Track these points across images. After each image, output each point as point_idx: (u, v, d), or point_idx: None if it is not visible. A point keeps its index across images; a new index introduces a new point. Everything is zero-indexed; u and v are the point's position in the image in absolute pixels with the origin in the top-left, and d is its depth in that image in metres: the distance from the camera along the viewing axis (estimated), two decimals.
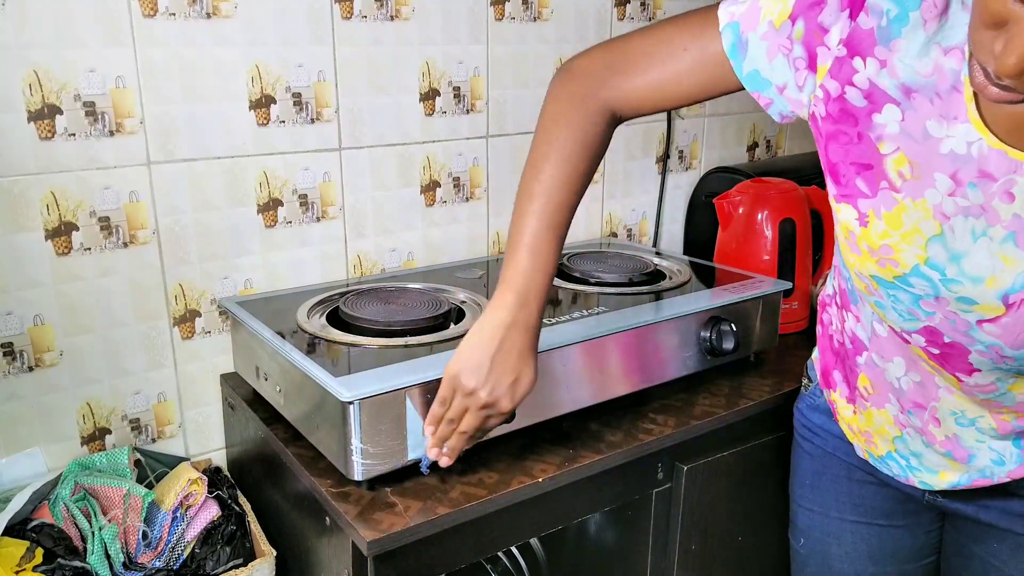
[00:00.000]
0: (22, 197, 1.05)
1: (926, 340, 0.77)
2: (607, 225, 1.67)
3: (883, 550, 1.00)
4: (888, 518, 0.99)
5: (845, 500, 1.01)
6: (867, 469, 0.98)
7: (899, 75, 0.67)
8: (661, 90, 0.82)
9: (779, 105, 0.77)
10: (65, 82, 1.05)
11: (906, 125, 0.68)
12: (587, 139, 0.84)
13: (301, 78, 1.22)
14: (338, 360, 0.99)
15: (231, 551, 1.06)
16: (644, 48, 0.83)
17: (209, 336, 1.23)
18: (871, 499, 0.99)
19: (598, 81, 0.84)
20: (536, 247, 0.83)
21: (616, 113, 0.86)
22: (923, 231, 0.69)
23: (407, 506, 0.90)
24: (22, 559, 0.94)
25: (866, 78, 0.69)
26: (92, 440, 1.16)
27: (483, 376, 0.81)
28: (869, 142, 0.70)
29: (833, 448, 1.01)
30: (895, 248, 0.71)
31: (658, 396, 1.15)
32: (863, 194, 0.72)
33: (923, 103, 0.67)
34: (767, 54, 0.75)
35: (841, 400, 0.96)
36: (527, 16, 1.43)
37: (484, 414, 0.83)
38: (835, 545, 1.02)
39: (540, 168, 0.84)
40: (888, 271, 0.73)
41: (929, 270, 0.70)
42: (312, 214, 1.29)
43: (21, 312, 1.08)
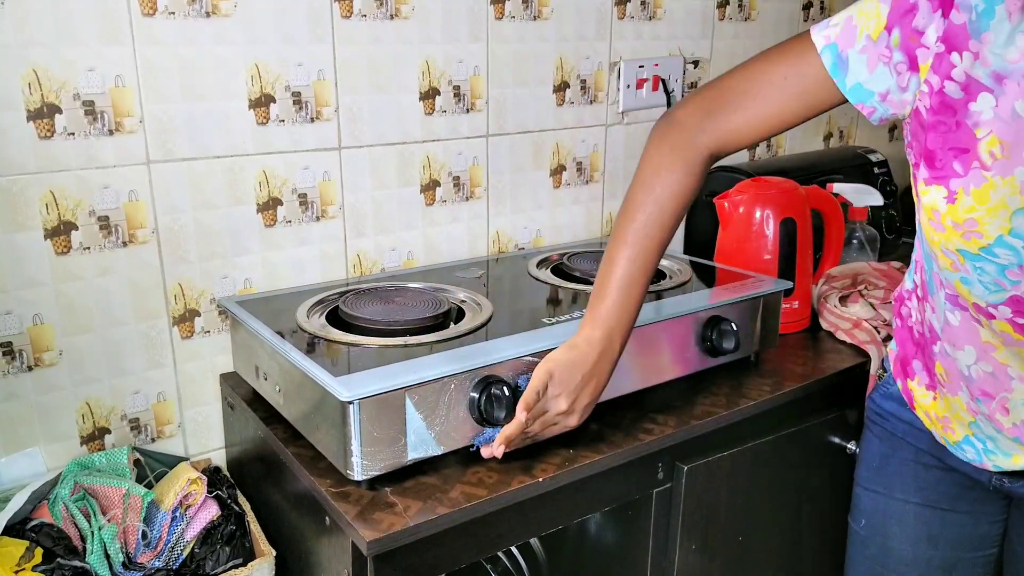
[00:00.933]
0: (21, 196, 1.05)
1: (1012, 311, 0.80)
2: (607, 224, 1.66)
3: (944, 535, 1.03)
4: (952, 503, 1.02)
5: (910, 483, 1.04)
6: (935, 454, 1.01)
7: (990, 64, 0.73)
8: (763, 122, 0.89)
9: (880, 111, 0.83)
10: (64, 81, 1.05)
11: (999, 110, 0.73)
12: (683, 189, 0.92)
13: (301, 77, 1.22)
14: (338, 360, 0.98)
15: (231, 551, 1.06)
16: (741, 87, 0.90)
17: (208, 335, 1.23)
18: (936, 484, 1.02)
19: (698, 129, 0.91)
20: (626, 290, 0.92)
21: (716, 154, 0.93)
22: (1009, 205, 0.74)
23: (407, 506, 0.90)
24: (21, 559, 0.93)
25: (962, 71, 0.74)
26: (91, 440, 1.16)
27: (572, 390, 0.91)
28: (966, 128, 0.76)
29: (902, 433, 1.04)
30: (980, 221, 0.76)
31: (658, 396, 1.15)
32: (956, 174, 0.77)
33: (1012, 87, 0.72)
34: (867, 66, 0.81)
35: (920, 388, 1.00)
36: (527, 15, 1.43)
37: (554, 421, 0.93)
38: (896, 527, 1.05)
39: (634, 216, 0.92)
40: (973, 243, 0.77)
41: (1013, 239, 0.75)
42: (312, 213, 1.28)
43: (20, 311, 1.08)
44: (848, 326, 1.35)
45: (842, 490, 1.36)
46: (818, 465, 1.28)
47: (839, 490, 1.35)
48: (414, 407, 0.90)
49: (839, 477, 1.33)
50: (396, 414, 0.90)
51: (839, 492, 1.35)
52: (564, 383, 0.91)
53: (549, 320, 1.09)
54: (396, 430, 0.90)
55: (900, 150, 2.26)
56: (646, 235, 0.91)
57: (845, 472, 1.34)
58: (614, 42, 1.56)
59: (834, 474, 1.31)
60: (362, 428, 0.88)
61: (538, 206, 1.55)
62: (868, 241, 1.60)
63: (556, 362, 0.91)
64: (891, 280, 1.47)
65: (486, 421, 0.95)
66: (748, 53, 1.77)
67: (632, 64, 1.59)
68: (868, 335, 1.32)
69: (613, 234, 0.94)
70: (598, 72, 1.56)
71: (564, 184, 1.57)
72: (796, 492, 1.27)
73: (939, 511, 1.03)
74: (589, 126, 1.58)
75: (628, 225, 0.92)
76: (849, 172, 1.76)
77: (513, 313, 1.17)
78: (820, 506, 1.31)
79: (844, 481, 1.35)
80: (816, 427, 1.26)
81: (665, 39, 1.63)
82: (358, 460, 0.89)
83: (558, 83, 1.51)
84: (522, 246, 1.55)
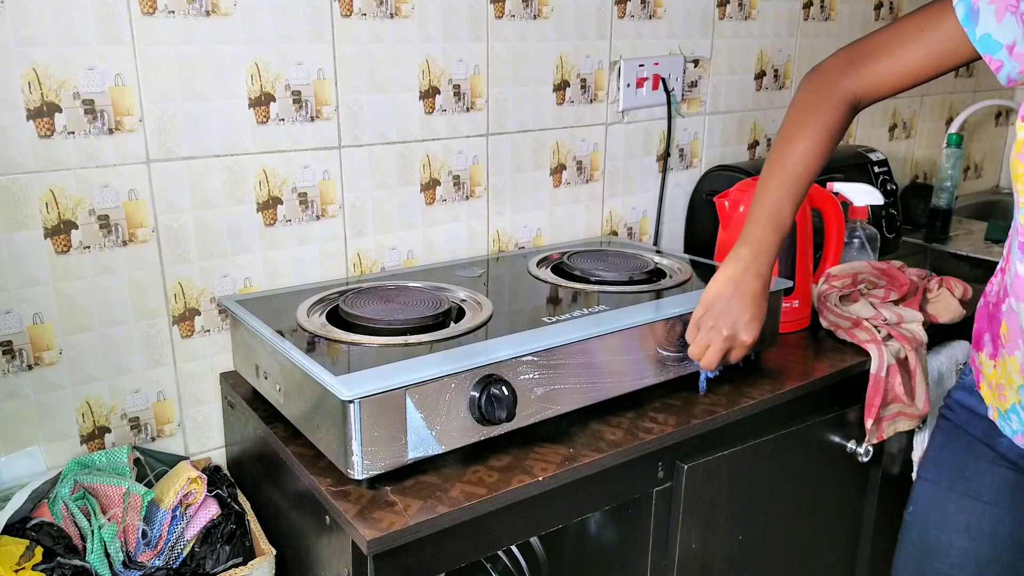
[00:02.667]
0: (21, 195, 1.05)
1: None
2: (607, 224, 1.66)
3: (981, 528, 1.04)
4: (994, 497, 1.03)
5: (957, 472, 1.06)
6: (988, 442, 1.02)
7: None
8: (899, 71, 0.98)
9: (1008, 68, 0.90)
10: (64, 80, 1.04)
11: None
12: (828, 124, 1.01)
13: (300, 76, 1.22)
14: (338, 359, 0.98)
15: (231, 550, 1.06)
16: (881, 40, 0.99)
17: (208, 334, 1.23)
18: (982, 476, 1.04)
19: (841, 74, 1.01)
20: (774, 212, 1.02)
21: (857, 98, 1.01)
22: None
23: (407, 505, 0.90)
24: (21, 558, 0.93)
25: None
26: (91, 439, 1.16)
27: (719, 315, 1.02)
28: None
29: (963, 422, 1.06)
30: None
31: (659, 395, 1.15)
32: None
33: None
34: (996, 15, 0.88)
35: (986, 360, 1.03)
36: (527, 14, 1.43)
37: (726, 345, 1.04)
38: (936, 514, 1.07)
39: (784, 149, 1.03)
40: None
41: None
42: (312, 212, 1.28)
43: (20, 310, 1.08)
44: (848, 325, 1.35)
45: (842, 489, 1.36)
46: (818, 464, 1.28)
47: (839, 489, 1.35)
48: (414, 406, 0.90)
49: (839, 476, 1.33)
50: (396, 413, 0.90)
51: (839, 491, 1.35)
52: (715, 315, 1.02)
53: (549, 319, 1.09)
54: (396, 429, 0.90)
55: (900, 149, 2.26)
56: (792, 164, 1.01)
57: (845, 471, 1.34)
58: (614, 41, 1.56)
59: (834, 473, 1.31)
60: (362, 427, 0.88)
61: (538, 205, 1.55)
62: (868, 240, 1.60)
63: (703, 300, 1.04)
64: (891, 279, 1.47)
65: (486, 420, 0.95)
66: (748, 52, 1.79)
67: (632, 63, 1.59)
68: (868, 334, 1.32)
69: (765, 165, 1.04)
70: (598, 71, 1.56)
71: (564, 183, 1.57)
72: (796, 491, 1.27)
73: (980, 503, 1.04)
74: (589, 125, 1.58)
75: (778, 156, 1.02)
76: (849, 171, 1.76)
77: (513, 312, 1.17)
78: (820, 505, 1.31)
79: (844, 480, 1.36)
80: (816, 426, 1.26)
81: (665, 38, 1.63)
82: (358, 459, 0.89)
83: (558, 82, 1.51)
84: (522, 245, 1.55)
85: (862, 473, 1.37)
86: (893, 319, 1.36)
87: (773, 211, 1.01)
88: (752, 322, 1.03)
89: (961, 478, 1.05)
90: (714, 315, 1.03)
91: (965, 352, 1.47)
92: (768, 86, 1.86)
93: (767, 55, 1.83)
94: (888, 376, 1.28)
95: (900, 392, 1.29)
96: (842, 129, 1.03)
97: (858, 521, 1.41)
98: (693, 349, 1.07)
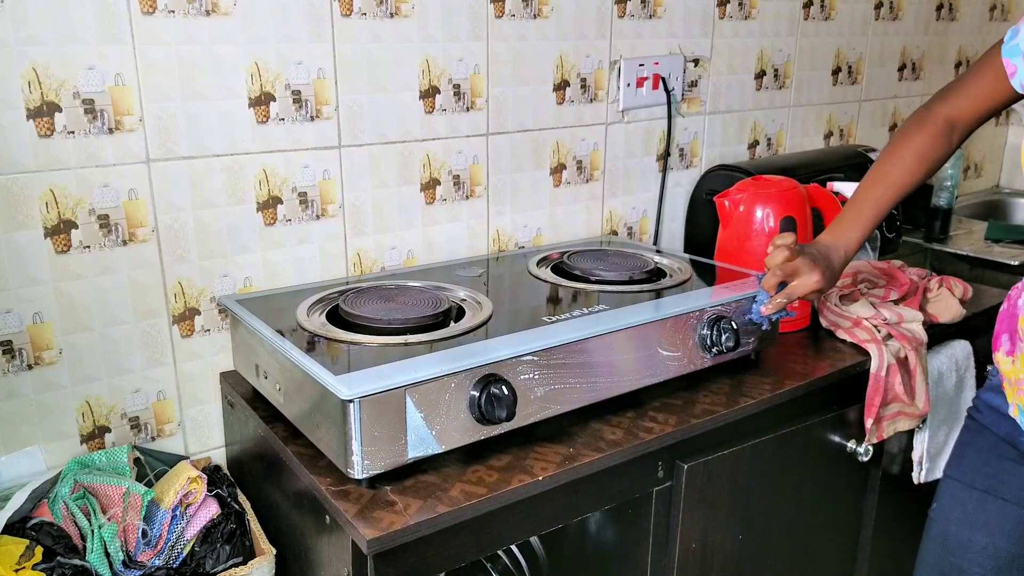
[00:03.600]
0: (21, 195, 1.05)
1: None
2: (607, 223, 1.66)
3: (1001, 525, 1.05)
4: (1017, 495, 1.04)
5: (980, 469, 1.07)
6: (1012, 442, 1.04)
7: None
8: (976, 95, 1.10)
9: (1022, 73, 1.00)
10: (64, 79, 1.04)
11: None
12: (921, 147, 1.14)
13: (300, 75, 1.22)
14: (338, 358, 0.98)
15: (231, 549, 1.06)
16: (969, 70, 1.13)
17: (208, 334, 1.23)
18: (1005, 474, 1.05)
19: (934, 100, 1.16)
20: (858, 213, 1.16)
21: (950, 122, 1.13)
22: None
23: (407, 504, 0.90)
24: (22, 557, 0.93)
25: None
26: (91, 438, 1.16)
27: (813, 261, 1.11)
28: None
29: (989, 422, 1.08)
30: None
31: (659, 394, 1.15)
32: None
33: None
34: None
35: (1003, 358, 1.05)
36: (527, 13, 1.43)
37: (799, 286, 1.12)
38: (958, 510, 1.08)
39: (881, 160, 1.17)
40: None
41: None
42: (312, 212, 1.28)
43: (20, 310, 1.08)
44: (848, 324, 1.35)
45: (842, 489, 1.36)
46: (818, 464, 1.28)
47: (839, 489, 1.35)
48: (414, 406, 0.90)
49: (839, 476, 1.33)
50: (396, 413, 0.90)
51: (839, 491, 1.35)
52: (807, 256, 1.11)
53: (549, 319, 1.09)
54: (396, 429, 0.90)
55: None
56: (884, 174, 1.14)
57: (845, 471, 1.34)
58: (614, 40, 1.56)
59: (834, 473, 1.31)
60: (362, 427, 0.88)
61: (538, 205, 1.55)
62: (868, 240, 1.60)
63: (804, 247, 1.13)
64: (891, 279, 1.47)
65: (486, 420, 0.95)
66: (748, 51, 1.79)
67: (632, 62, 1.59)
68: (868, 334, 1.32)
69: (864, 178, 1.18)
70: (598, 71, 1.56)
71: (564, 183, 1.57)
72: (796, 490, 1.27)
73: (1000, 500, 1.05)
74: (589, 125, 1.58)
75: (874, 168, 1.16)
76: (849, 171, 1.76)
77: (513, 312, 1.17)
78: (820, 504, 1.31)
79: (844, 480, 1.36)
80: (816, 426, 1.26)
81: (665, 37, 1.63)
82: (358, 459, 0.89)
83: (558, 82, 1.51)
84: (522, 245, 1.55)
85: (862, 473, 1.37)
86: (893, 319, 1.36)
87: (857, 210, 1.15)
88: (821, 281, 1.11)
89: (984, 476, 1.07)
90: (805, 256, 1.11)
91: (965, 352, 1.47)
92: (768, 86, 1.86)
93: (767, 55, 1.83)
94: (888, 376, 1.28)
95: (900, 392, 1.29)
96: (941, 148, 1.13)
97: (858, 520, 1.41)
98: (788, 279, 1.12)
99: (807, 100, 1.96)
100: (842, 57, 2.00)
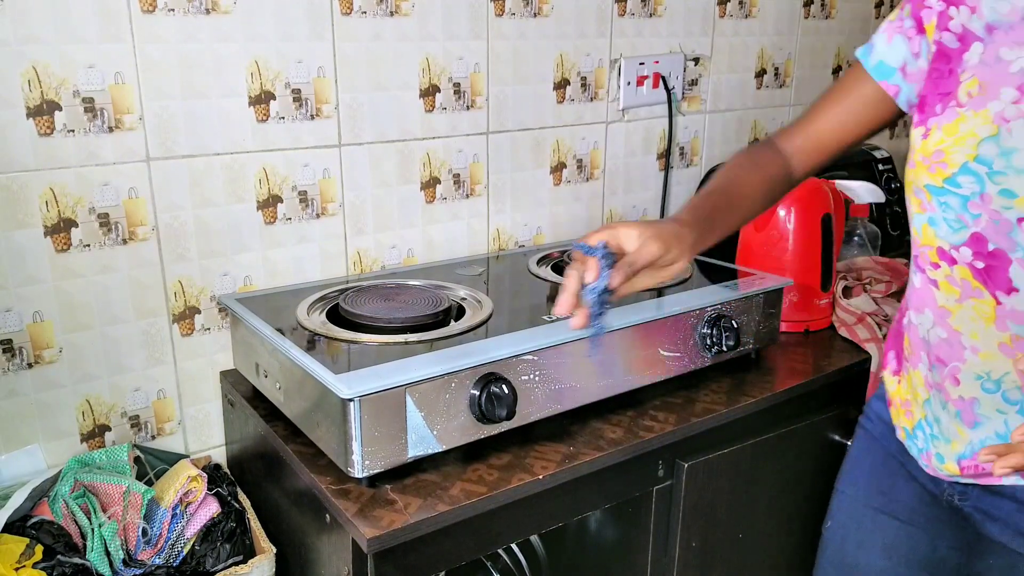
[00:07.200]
0: (21, 193, 1.05)
1: (972, 253, 0.81)
2: (607, 222, 1.66)
3: (898, 547, 1.00)
4: (910, 515, 0.99)
5: (874, 487, 1.02)
6: (901, 459, 0.99)
7: (985, 16, 0.81)
8: (828, 127, 0.99)
9: (906, 91, 0.91)
10: (64, 78, 1.04)
11: (985, 56, 0.81)
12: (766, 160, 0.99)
13: (301, 74, 1.22)
14: (338, 357, 0.98)
15: (231, 548, 1.06)
16: (815, 102, 1.01)
17: (209, 333, 1.23)
18: (898, 492, 1.00)
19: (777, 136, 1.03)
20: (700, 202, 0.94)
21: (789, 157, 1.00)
22: (978, 134, 0.79)
23: (407, 503, 0.90)
24: (22, 556, 0.93)
25: (960, 23, 0.83)
26: (92, 437, 1.16)
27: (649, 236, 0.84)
28: (955, 75, 0.83)
29: (879, 434, 1.03)
30: (946, 151, 0.81)
31: (659, 393, 1.15)
32: (935, 114, 0.84)
33: (1000, 36, 0.79)
34: (887, 39, 0.91)
35: (890, 377, 1.00)
36: (527, 12, 1.43)
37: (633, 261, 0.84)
38: (854, 530, 1.03)
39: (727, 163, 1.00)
40: (938, 175, 0.82)
41: (977, 166, 0.79)
42: (312, 211, 1.28)
43: (20, 309, 1.08)
44: (852, 320, 1.35)
45: None
46: (818, 463, 1.28)
47: None
48: (414, 404, 0.90)
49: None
50: (396, 411, 0.89)
51: None
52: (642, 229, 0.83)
53: (549, 318, 1.09)
54: (396, 427, 0.90)
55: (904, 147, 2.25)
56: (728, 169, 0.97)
57: None
58: (614, 39, 1.56)
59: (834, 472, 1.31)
60: (362, 425, 0.88)
61: (538, 203, 1.55)
62: (869, 239, 1.60)
63: None
64: (894, 272, 1.47)
65: (486, 419, 0.95)
66: (749, 50, 1.79)
67: (632, 61, 1.58)
68: (869, 332, 1.32)
69: None
70: (598, 69, 1.56)
71: (564, 181, 1.57)
72: (797, 490, 1.27)
73: (896, 520, 0.99)
74: (589, 123, 1.57)
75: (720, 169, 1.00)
76: (853, 169, 1.76)
77: (513, 310, 1.17)
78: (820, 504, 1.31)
79: None
80: (816, 424, 1.25)
81: (665, 36, 1.63)
82: (358, 457, 0.89)
83: (558, 80, 1.50)
84: (522, 243, 1.55)
85: None
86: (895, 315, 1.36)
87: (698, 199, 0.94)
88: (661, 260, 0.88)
89: (878, 494, 1.01)
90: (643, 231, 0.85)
91: None
92: (769, 84, 1.86)
93: (767, 53, 1.83)
94: None
95: None
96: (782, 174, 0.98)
97: None
98: None
99: (808, 99, 1.96)
100: (843, 56, 2.00)
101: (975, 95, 0.80)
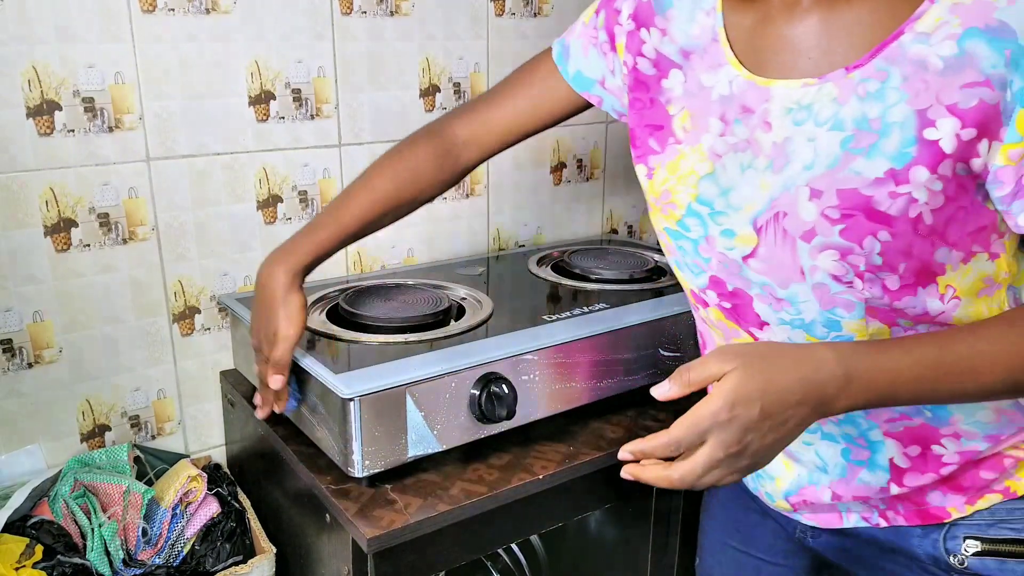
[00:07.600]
0: (21, 193, 1.05)
1: (717, 295, 0.77)
2: (607, 222, 1.66)
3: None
4: (767, 552, 0.94)
5: (731, 525, 0.97)
6: (750, 494, 0.92)
7: (677, 41, 0.76)
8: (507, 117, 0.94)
9: (609, 102, 0.87)
10: (64, 78, 1.04)
11: (688, 85, 0.75)
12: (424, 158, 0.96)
13: (301, 74, 1.22)
14: (338, 357, 0.98)
15: (231, 548, 1.06)
16: (495, 88, 0.96)
17: (209, 333, 1.23)
18: (753, 528, 0.94)
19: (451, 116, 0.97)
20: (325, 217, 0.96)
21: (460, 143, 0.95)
22: (697, 171, 0.74)
23: (407, 503, 0.90)
24: (22, 556, 0.93)
25: (652, 47, 0.77)
26: (91, 437, 1.16)
27: None
28: (660, 105, 0.78)
29: None
30: (672, 191, 0.76)
31: None
32: (653, 151, 0.78)
33: (697, 61, 0.74)
34: (583, 49, 0.86)
35: None
36: (527, 12, 1.43)
37: None
38: (717, 569, 0.99)
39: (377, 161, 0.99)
40: (671, 216, 0.77)
41: (700, 206, 0.74)
42: (312, 211, 1.28)
43: (20, 308, 1.08)
44: None
45: None
46: None
47: None
48: (415, 404, 0.90)
49: None
50: (397, 411, 0.89)
51: None
52: None
53: (549, 317, 1.09)
54: (397, 427, 0.90)
55: None
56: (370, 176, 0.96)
57: None
58: None
59: None
60: (363, 425, 0.88)
61: (538, 203, 1.55)
62: None
63: None
64: None
65: (486, 418, 0.95)
66: None
67: None
68: None
69: None
70: None
71: (564, 181, 1.57)
72: None
73: (755, 559, 0.94)
74: (589, 123, 1.57)
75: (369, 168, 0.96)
76: None
77: (513, 310, 1.17)
78: None
79: None
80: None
81: None
82: (358, 457, 0.89)
83: None
84: (522, 243, 1.55)
85: None
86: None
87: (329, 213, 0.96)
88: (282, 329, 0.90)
89: (735, 530, 0.96)
90: None
91: None
92: None
93: None
94: None
95: None
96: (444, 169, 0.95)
97: None
98: None
99: None
100: None
101: (689, 129, 0.75)
